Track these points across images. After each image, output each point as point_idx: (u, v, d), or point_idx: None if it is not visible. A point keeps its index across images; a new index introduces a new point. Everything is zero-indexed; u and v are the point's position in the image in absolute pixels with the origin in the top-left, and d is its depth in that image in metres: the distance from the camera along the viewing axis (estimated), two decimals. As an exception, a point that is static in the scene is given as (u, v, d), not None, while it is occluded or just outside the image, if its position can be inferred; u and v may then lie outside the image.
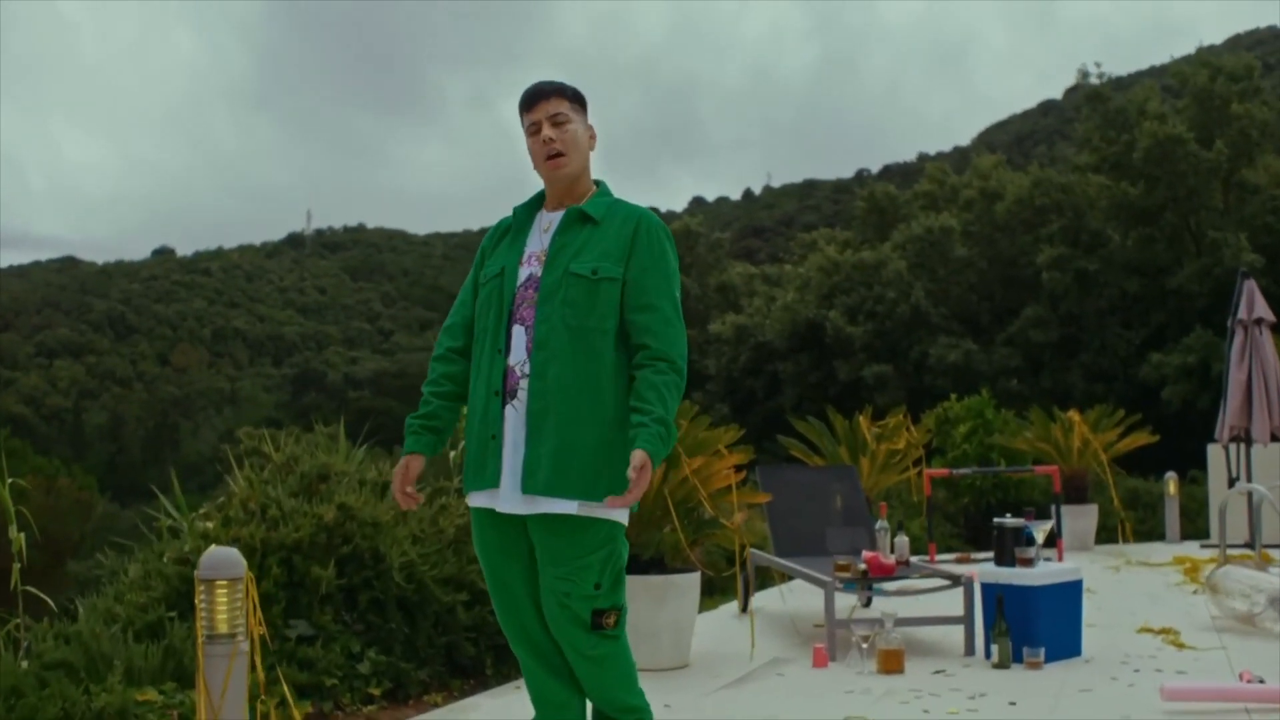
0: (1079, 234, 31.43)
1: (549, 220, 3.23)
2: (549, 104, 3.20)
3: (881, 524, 7.06)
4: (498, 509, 3.07)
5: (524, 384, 3.04)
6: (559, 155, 3.18)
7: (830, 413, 11.32)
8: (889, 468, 10.75)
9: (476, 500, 3.15)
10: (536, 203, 3.31)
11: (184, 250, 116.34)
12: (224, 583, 3.61)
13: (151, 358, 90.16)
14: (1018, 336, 31.92)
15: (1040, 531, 6.25)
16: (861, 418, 11.09)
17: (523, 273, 3.15)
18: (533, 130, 3.22)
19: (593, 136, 3.32)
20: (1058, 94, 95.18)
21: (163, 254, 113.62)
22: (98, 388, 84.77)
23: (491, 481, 3.06)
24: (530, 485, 2.99)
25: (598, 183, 3.34)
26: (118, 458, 74.12)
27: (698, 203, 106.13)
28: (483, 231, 3.47)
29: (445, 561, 6.07)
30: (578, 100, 3.27)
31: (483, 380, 3.13)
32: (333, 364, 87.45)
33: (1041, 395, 27.84)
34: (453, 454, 8.13)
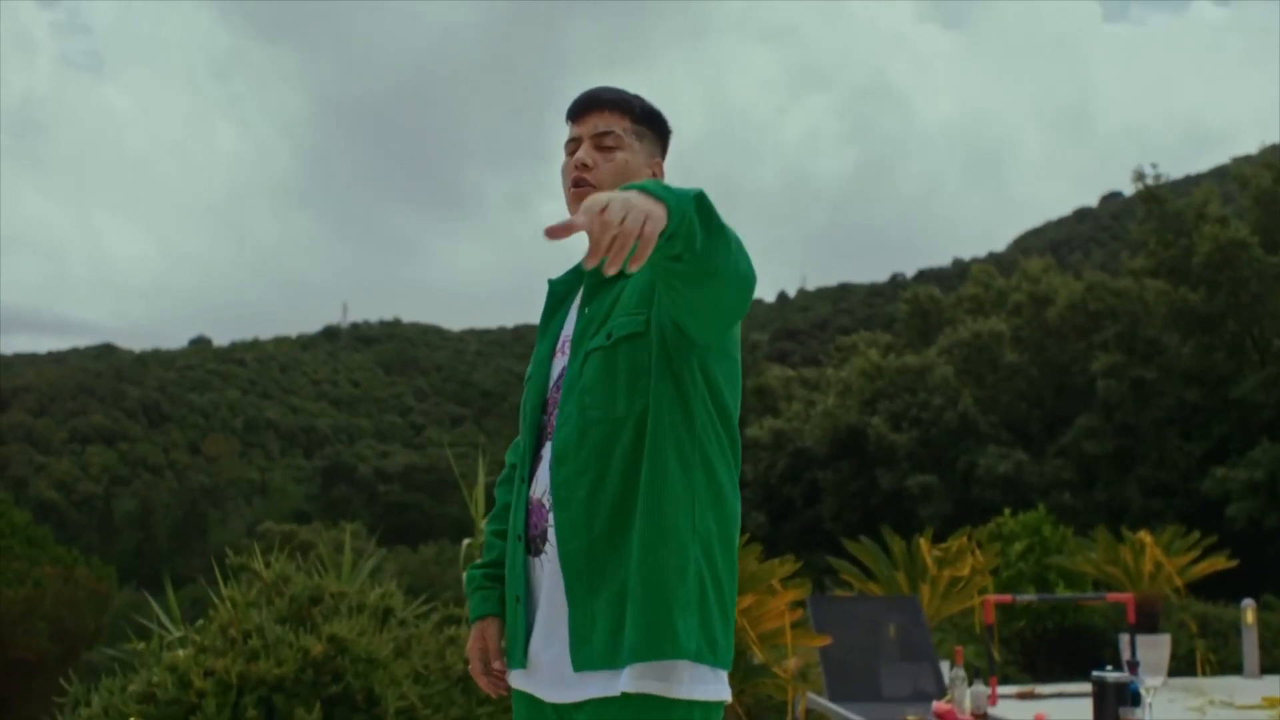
0: (1135, 341, 30.66)
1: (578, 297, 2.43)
2: (601, 117, 2.34)
3: (958, 672, 6.17)
4: (540, 696, 2.23)
5: (550, 520, 2.19)
6: (587, 187, 2.31)
7: (886, 533, 10.43)
8: (951, 596, 9.82)
9: (515, 681, 2.31)
10: (580, 269, 2.42)
11: (220, 340, 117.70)
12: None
13: (183, 446, 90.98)
14: (1071, 447, 31.05)
15: (1148, 689, 5.36)
16: (922, 540, 10.19)
17: (555, 367, 2.34)
18: (570, 149, 2.39)
19: (655, 171, 2.42)
20: (1093, 201, 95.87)
21: (199, 343, 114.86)
22: (129, 474, 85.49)
23: (519, 660, 2.26)
24: (582, 659, 2.11)
25: None
26: (145, 545, 74.42)
27: None
28: (517, 330, 2.69)
29: (452, 704, 5.35)
30: (648, 122, 2.40)
31: (511, 517, 2.34)
32: (364, 457, 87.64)
33: (1096, 510, 27.06)
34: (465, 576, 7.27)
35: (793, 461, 35.78)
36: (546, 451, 2.24)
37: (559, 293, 2.42)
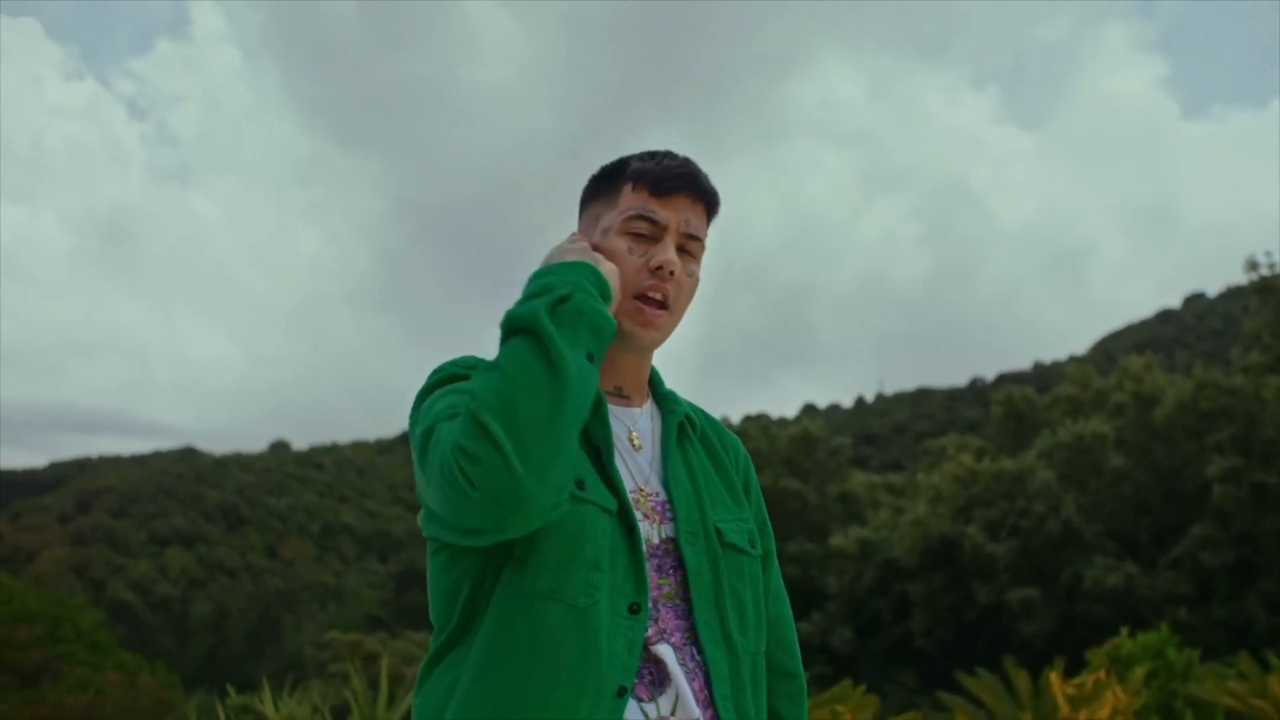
0: (1252, 442, 29.07)
1: (631, 427, 1.84)
2: (696, 209, 1.83)
3: None
4: None
5: None
6: (663, 309, 1.79)
7: (1009, 666, 9.06)
8: (1090, 740, 8.38)
9: None
10: None
11: (299, 443, 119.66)
12: None
13: (260, 549, 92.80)
14: (1185, 558, 29.45)
15: None
16: (1053, 675, 8.78)
17: (641, 531, 1.75)
18: (640, 229, 1.80)
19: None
20: (1176, 302, 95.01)
21: (278, 447, 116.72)
22: (206, 577, 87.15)
23: None
24: None
25: None
26: (219, 649, 75.15)
27: (809, 410, 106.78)
28: None
29: None
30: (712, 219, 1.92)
31: None
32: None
33: (1215, 628, 25.41)
34: None
35: (880, 573, 34.62)
36: (672, 661, 1.69)
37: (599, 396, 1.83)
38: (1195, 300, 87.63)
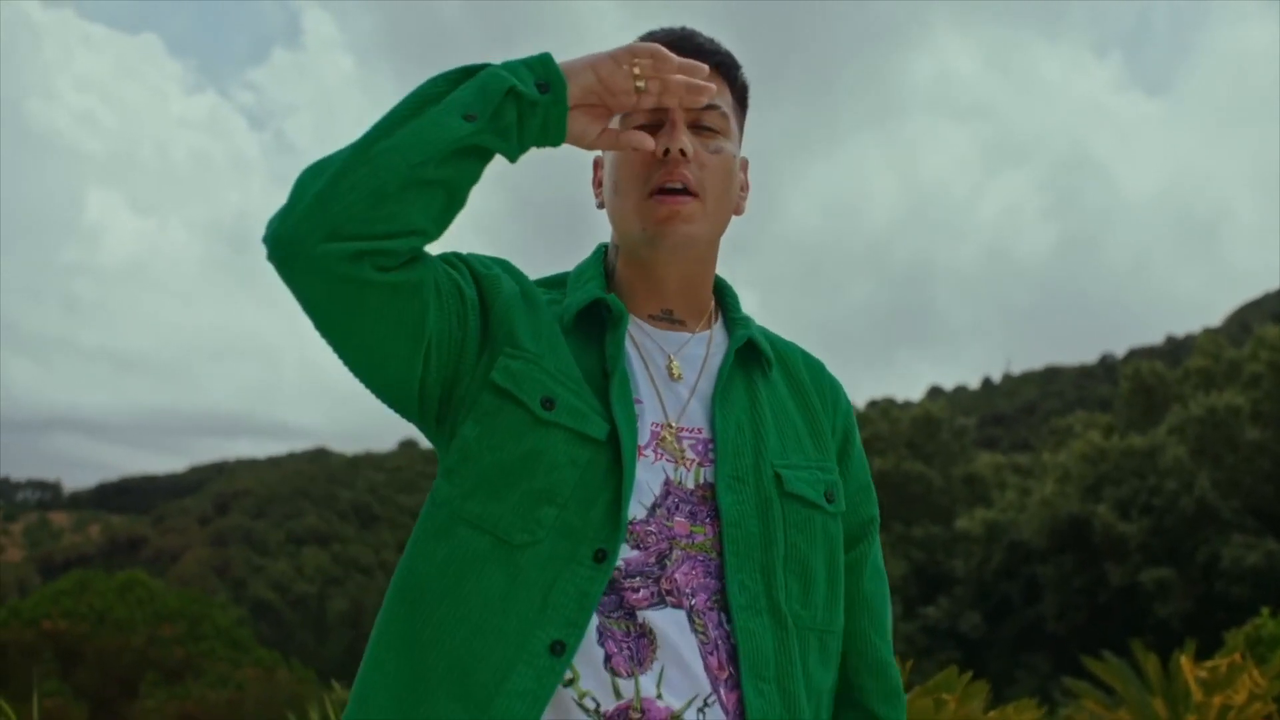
0: (1402, 411, 28.04)
1: (674, 352, 1.57)
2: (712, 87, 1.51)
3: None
4: None
5: None
6: (686, 196, 1.50)
7: (1137, 649, 8.74)
8: (1226, 730, 8.01)
9: None
10: (604, 291, 1.57)
11: (426, 442, 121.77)
12: None
13: (393, 546, 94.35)
14: (1329, 534, 28.43)
15: None
16: (1184, 657, 8.44)
17: (653, 471, 1.48)
18: (645, 124, 1.52)
19: (745, 185, 1.66)
20: None
21: (407, 445, 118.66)
22: (341, 575, 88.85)
23: None
24: None
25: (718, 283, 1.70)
26: (356, 644, 76.51)
27: (935, 391, 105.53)
28: None
29: None
30: (743, 97, 1.64)
31: (487, 682, 1.38)
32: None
33: (1364, 606, 24.36)
34: None
35: (1009, 555, 34.19)
36: (672, 629, 1.41)
37: (585, 314, 1.56)
38: None
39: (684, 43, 1.53)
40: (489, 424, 1.44)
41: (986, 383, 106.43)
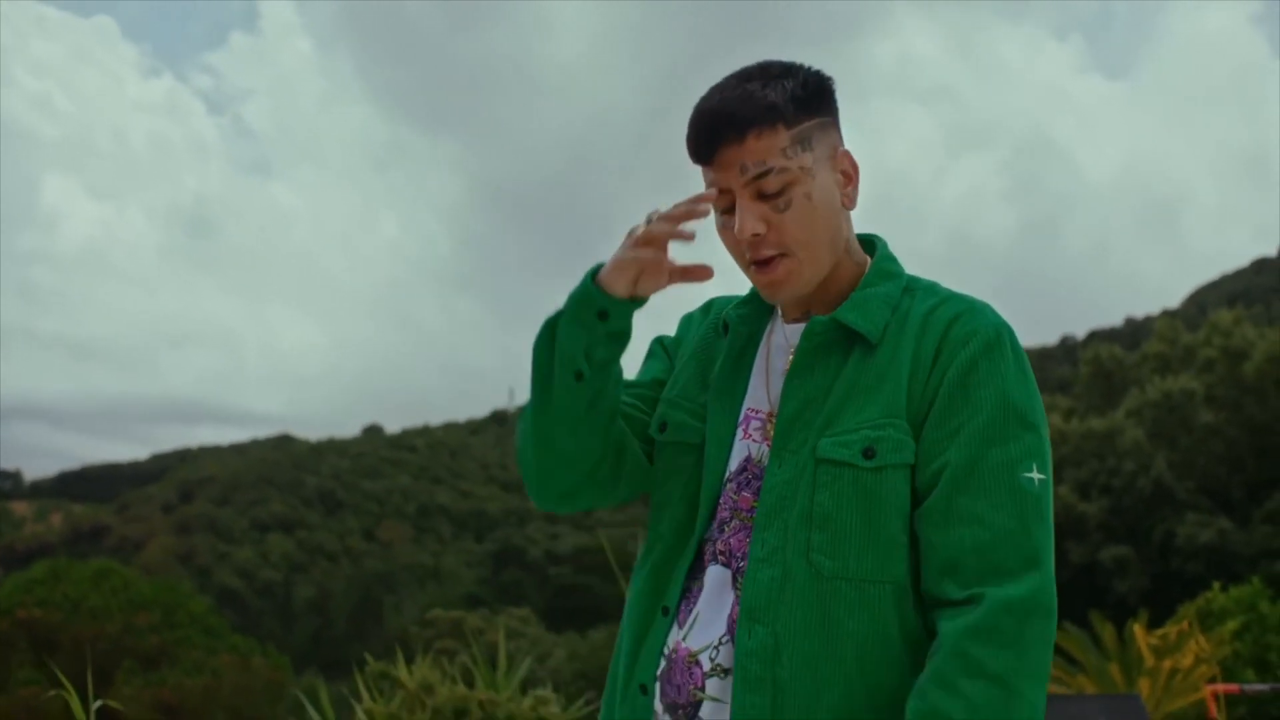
0: (1346, 394, 28.76)
1: (787, 341, 1.71)
2: (745, 148, 1.60)
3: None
4: None
5: (717, 694, 1.56)
6: (776, 261, 1.64)
7: (1096, 621, 9.37)
8: (1173, 690, 8.64)
9: None
10: (764, 303, 1.77)
11: (392, 427, 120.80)
12: None
13: (358, 533, 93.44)
14: (1279, 512, 28.98)
15: None
16: (1137, 626, 9.08)
17: (737, 453, 1.68)
18: (721, 204, 1.65)
19: (847, 175, 1.71)
20: (1272, 250, 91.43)
21: (372, 431, 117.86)
22: (307, 562, 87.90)
23: None
24: None
25: (868, 241, 1.80)
26: (323, 631, 75.98)
27: None
28: None
29: None
30: (812, 109, 1.65)
31: (626, 650, 1.70)
32: (534, 540, 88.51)
33: (1313, 581, 25.11)
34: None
35: None
36: (715, 577, 1.63)
37: (743, 335, 1.75)
38: None
39: (713, 135, 1.63)
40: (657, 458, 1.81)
41: None
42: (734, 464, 1.66)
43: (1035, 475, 1.53)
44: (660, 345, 1.87)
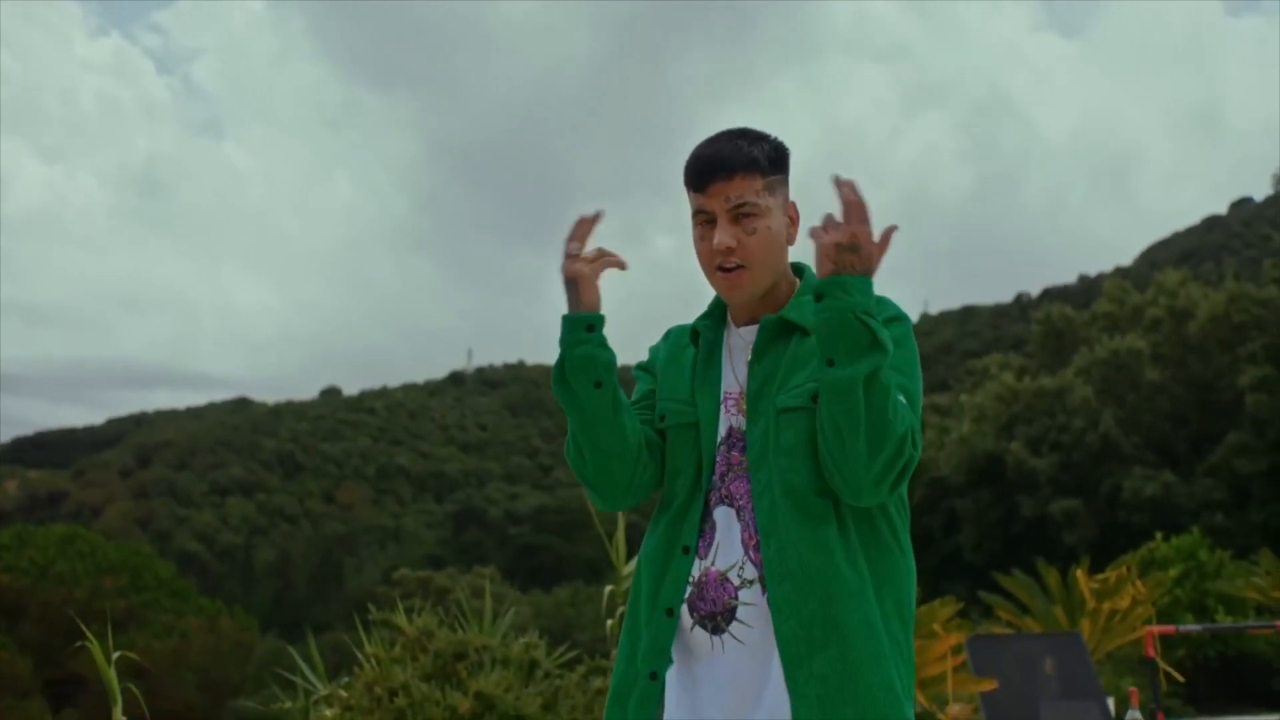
0: (1285, 352, 29.46)
1: (743, 340, 2.27)
2: (731, 186, 2.15)
3: (1134, 714, 5.76)
4: None
5: (752, 598, 2.10)
6: (738, 270, 2.19)
7: (1041, 566, 10.06)
8: (1112, 629, 9.36)
9: None
10: (722, 314, 2.33)
11: (350, 389, 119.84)
12: None
13: (318, 495, 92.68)
14: (1221, 466, 29.95)
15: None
16: (1079, 571, 9.76)
17: (722, 425, 2.24)
18: (700, 220, 2.22)
19: (793, 220, 2.27)
20: (1223, 208, 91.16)
21: (330, 393, 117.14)
22: (267, 525, 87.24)
23: None
24: (804, 711, 2.03)
25: (797, 266, 2.34)
26: (284, 594, 75.75)
27: None
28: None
29: None
30: (778, 168, 2.23)
31: (652, 586, 2.21)
32: (494, 500, 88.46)
33: (1252, 531, 25.96)
34: (609, 622, 7.08)
35: (929, 491, 35.21)
36: (723, 516, 2.17)
37: (709, 340, 2.31)
38: (1242, 205, 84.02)
39: (710, 170, 2.17)
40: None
41: None
42: (722, 433, 2.21)
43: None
44: (642, 369, 2.44)
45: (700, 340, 2.31)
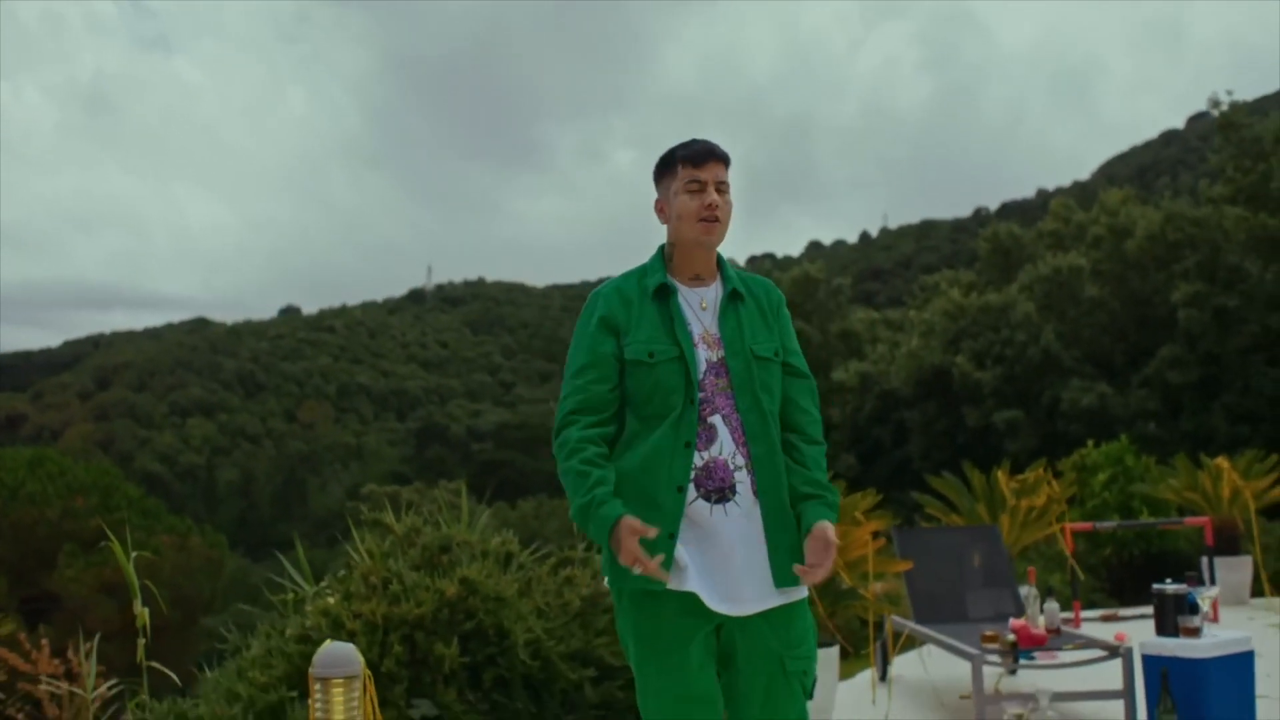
0: (1216, 269, 30.44)
1: (702, 298, 3.08)
2: (719, 168, 3.07)
3: (1029, 590, 6.66)
4: (721, 610, 2.89)
5: (744, 479, 2.93)
6: (715, 222, 3.03)
7: (967, 468, 10.96)
8: (1030, 524, 10.33)
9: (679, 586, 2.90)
10: (662, 273, 3.09)
11: (309, 308, 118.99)
12: (339, 681, 3.38)
13: (279, 415, 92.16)
14: (1154, 378, 31.04)
15: (1205, 599, 5.83)
16: (1000, 472, 10.69)
17: (701, 357, 3.00)
18: (693, 188, 3.04)
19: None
20: (1181, 123, 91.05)
21: (289, 312, 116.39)
22: (229, 445, 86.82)
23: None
24: (782, 580, 2.91)
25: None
26: (248, 513, 75.82)
27: (815, 247, 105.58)
28: (598, 282, 3.28)
29: (571, 636, 5.84)
30: (729, 163, 3.18)
31: (661, 472, 2.92)
32: (455, 417, 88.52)
33: (1182, 439, 26.89)
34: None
35: (880, 403, 36.08)
36: (721, 424, 2.96)
37: (664, 294, 3.07)
38: (1199, 120, 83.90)
39: (709, 155, 3.03)
40: (637, 375, 3.02)
41: (864, 237, 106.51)
42: (702, 364, 2.98)
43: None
44: (605, 327, 3.08)
45: (661, 295, 3.05)
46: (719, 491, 2.90)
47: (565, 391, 3.05)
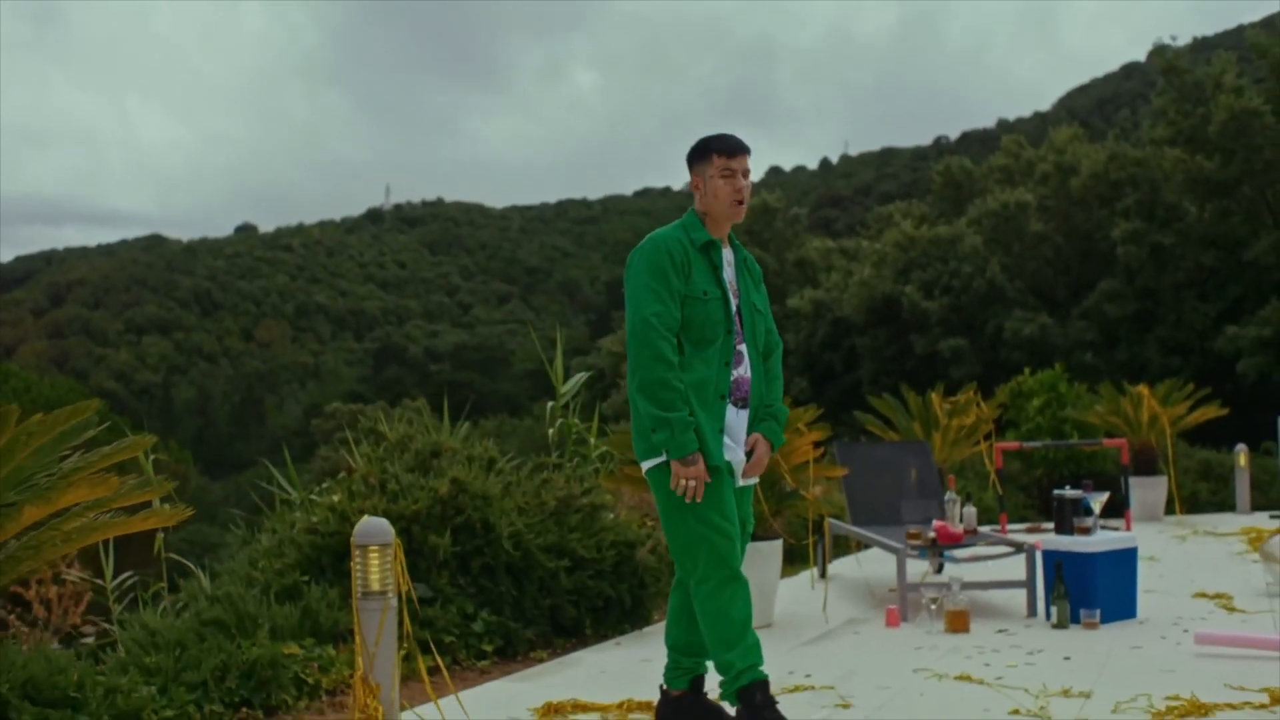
0: (1155, 208, 31.25)
1: (729, 257, 4.03)
2: (745, 159, 3.95)
3: (950, 495, 7.52)
4: (739, 485, 4.00)
5: (751, 390, 3.99)
6: (744, 205, 3.97)
7: (904, 390, 11.81)
8: (960, 442, 11.22)
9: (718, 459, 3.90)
10: (704, 232, 3.97)
11: (266, 226, 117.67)
12: (376, 548, 4.21)
13: (236, 333, 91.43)
14: (1093, 310, 31.88)
15: (1098, 502, 6.72)
16: (934, 394, 11.55)
17: (733, 301, 3.95)
18: (728, 174, 3.93)
19: None
20: (1142, 55, 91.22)
21: (245, 231, 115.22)
22: (185, 363, 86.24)
23: (719, 457, 3.87)
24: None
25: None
26: (206, 431, 75.42)
27: (775, 173, 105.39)
28: (560, 206, 4.21)
29: (548, 531, 6.50)
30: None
31: (711, 385, 3.86)
32: (413, 338, 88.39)
33: (1117, 369, 27.88)
34: (550, 431, 8.67)
35: (832, 330, 36.71)
36: (745, 350, 3.98)
37: (710, 250, 3.97)
38: (1161, 52, 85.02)
39: (740, 148, 3.97)
40: (692, 307, 3.91)
41: (825, 164, 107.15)
42: (735, 305, 3.96)
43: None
44: (673, 267, 3.90)
45: (709, 249, 3.95)
46: (741, 399, 3.95)
47: (650, 305, 3.81)
